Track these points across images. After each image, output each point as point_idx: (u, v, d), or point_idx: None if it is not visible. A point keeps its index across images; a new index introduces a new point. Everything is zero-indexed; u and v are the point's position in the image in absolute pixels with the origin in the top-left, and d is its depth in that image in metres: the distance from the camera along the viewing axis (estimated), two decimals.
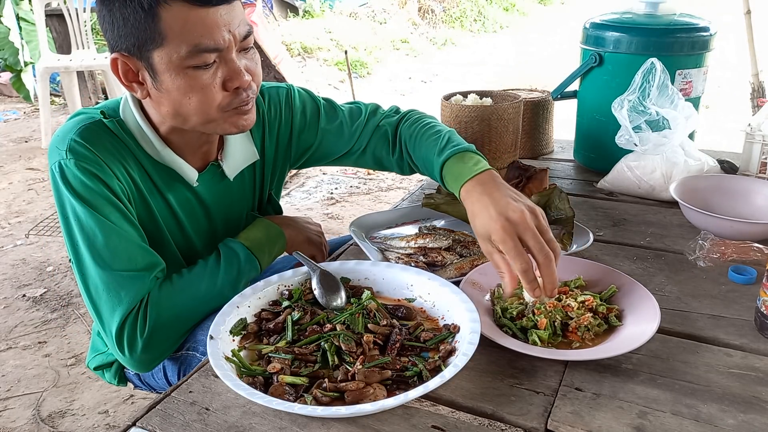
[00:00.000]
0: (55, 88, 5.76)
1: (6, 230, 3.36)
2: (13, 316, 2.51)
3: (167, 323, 1.00)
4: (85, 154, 0.97)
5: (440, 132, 1.14)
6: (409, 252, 1.17)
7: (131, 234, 0.99)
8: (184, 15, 0.88)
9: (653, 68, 1.36)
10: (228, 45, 0.93)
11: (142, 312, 0.98)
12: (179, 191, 1.10)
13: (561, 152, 1.85)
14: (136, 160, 1.04)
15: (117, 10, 0.90)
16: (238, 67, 0.95)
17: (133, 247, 0.99)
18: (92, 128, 0.99)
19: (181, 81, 0.93)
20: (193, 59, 0.91)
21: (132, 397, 2.00)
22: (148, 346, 0.98)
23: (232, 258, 1.08)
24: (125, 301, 0.97)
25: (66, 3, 4.32)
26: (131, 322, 0.97)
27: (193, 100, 0.95)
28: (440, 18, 8.92)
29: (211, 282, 1.05)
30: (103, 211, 0.97)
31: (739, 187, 1.31)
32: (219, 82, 0.95)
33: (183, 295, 1.02)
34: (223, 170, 1.13)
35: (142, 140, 1.04)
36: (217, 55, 0.93)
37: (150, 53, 0.91)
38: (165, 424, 0.77)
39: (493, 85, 6.42)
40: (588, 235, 1.20)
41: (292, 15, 7.85)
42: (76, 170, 0.96)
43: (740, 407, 0.77)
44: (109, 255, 0.96)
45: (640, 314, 0.92)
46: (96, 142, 0.98)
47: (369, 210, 3.48)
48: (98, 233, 0.96)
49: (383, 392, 0.77)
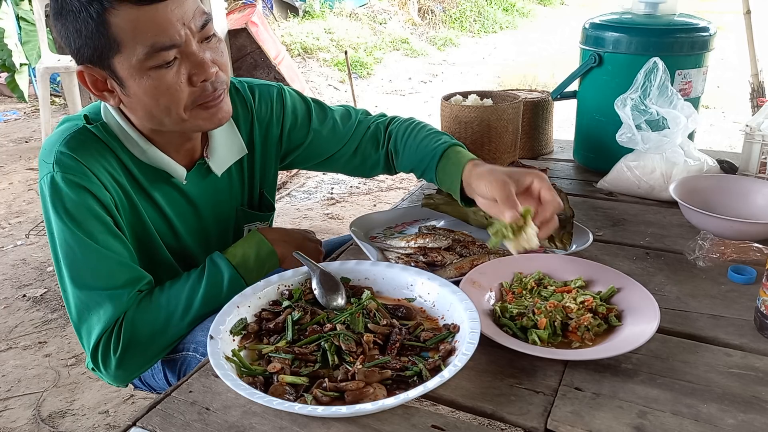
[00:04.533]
0: (56, 89, 5.76)
1: (6, 230, 3.36)
2: (14, 316, 2.51)
3: (141, 342, 0.99)
4: (72, 165, 0.96)
5: (436, 130, 1.18)
6: (409, 252, 1.17)
7: (114, 250, 0.99)
8: (133, 17, 0.87)
9: (656, 67, 1.36)
10: (185, 39, 0.91)
11: (116, 330, 0.97)
12: (167, 191, 1.09)
13: (561, 152, 1.85)
14: (123, 164, 1.03)
15: (70, 24, 0.90)
16: (202, 59, 0.93)
17: (113, 264, 0.98)
18: (77, 137, 0.99)
19: (147, 83, 0.92)
20: (152, 60, 0.90)
21: (132, 397, 2.00)
22: (122, 363, 0.98)
23: (216, 277, 1.05)
24: (103, 320, 0.97)
25: None
26: (105, 340, 0.97)
27: (162, 102, 0.94)
28: (440, 18, 8.92)
29: (190, 300, 1.03)
30: (86, 227, 0.97)
31: (739, 187, 1.31)
32: (184, 78, 0.93)
33: (159, 314, 1.01)
34: (209, 166, 1.13)
35: (126, 142, 1.03)
36: (177, 51, 0.91)
37: (110, 61, 0.91)
38: (165, 423, 0.77)
39: (493, 86, 6.43)
40: (588, 235, 1.20)
41: (292, 15, 7.85)
42: (63, 184, 0.96)
43: (740, 407, 0.77)
44: (89, 275, 0.97)
45: (639, 314, 0.92)
46: (82, 151, 0.98)
47: (369, 210, 3.48)
48: (78, 253, 0.96)
49: (383, 392, 0.77)
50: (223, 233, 1.23)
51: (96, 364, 1.00)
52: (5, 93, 6.17)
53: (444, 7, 9.12)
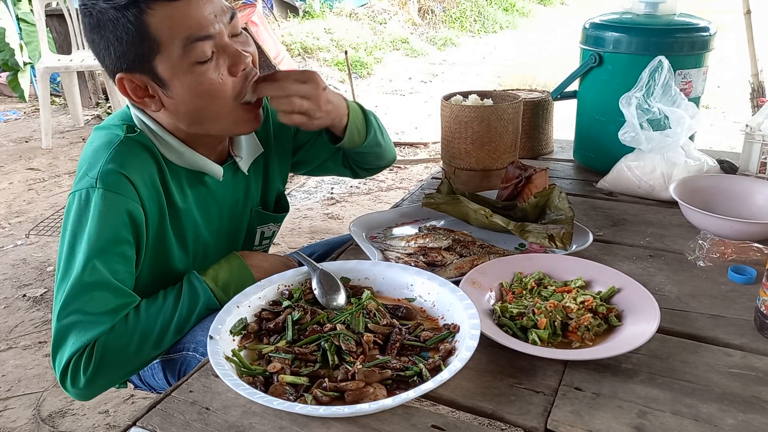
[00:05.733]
0: (56, 88, 5.76)
1: (6, 230, 3.36)
2: (14, 316, 2.51)
3: (111, 365, 0.97)
4: (116, 181, 0.97)
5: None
6: (409, 252, 1.17)
7: (116, 276, 0.97)
8: (168, 13, 0.91)
9: (660, 66, 1.35)
10: (219, 31, 0.95)
11: (88, 352, 0.96)
12: (199, 192, 1.11)
13: (561, 152, 1.85)
14: (161, 171, 1.04)
15: (110, 33, 0.92)
16: (236, 50, 0.97)
17: (109, 290, 0.96)
18: (123, 150, 1.00)
19: (190, 81, 0.95)
20: (191, 54, 0.93)
21: (132, 397, 2.00)
22: (90, 384, 0.97)
23: (192, 300, 1.04)
24: (80, 341, 0.95)
25: (66, 3, 4.32)
26: (76, 361, 0.96)
27: (208, 97, 0.96)
28: (440, 18, 8.92)
29: (165, 324, 1.01)
30: (101, 249, 0.95)
31: (739, 187, 1.31)
32: (225, 71, 0.97)
33: (133, 339, 0.98)
34: (237, 165, 1.16)
35: (162, 146, 1.04)
36: (213, 45, 0.95)
37: (152, 63, 0.94)
38: (165, 423, 0.77)
39: (493, 86, 6.43)
40: (588, 235, 1.20)
41: (292, 15, 7.85)
42: (100, 201, 0.96)
43: (740, 407, 0.77)
44: (82, 296, 0.95)
45: (639, 314, 0.92)
46: (128, 165, 0.99)
47: (369, 210, 3.48)
48: (80, 272, 0.95)
49: (383, 392, 0.77)
50: (234, 234, 1.24)
51: (63, 381, 0.98)
52: (5, 93, 6.17)
53: (444, 7, 9.12)
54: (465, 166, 1.54)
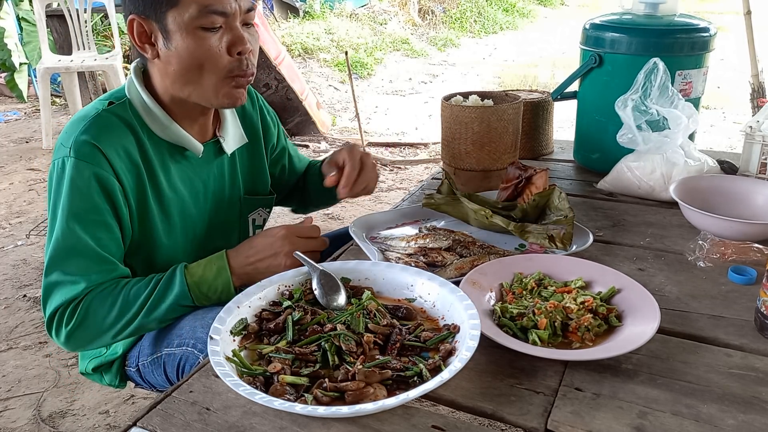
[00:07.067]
0: (56, 89, 5.76)
1: (7, 231, 3.36)
2: (14, 317, 2.51)
3: (90, 327, 1.04)
4: (88, 152, 1.02)
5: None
6: (410, 252, 1.17)
7: (99, 242, 1.04)
8: None
9: (656, 68, 1.36)
10: (234, 12, 1.02)
11: (71, 308, 1.04)
12: (182, 167, 1.15)
13: (561, 153, 1.86)
14: (141, 142, 1.09)
15: None
16: (242, 34, 1.04)
17: (92, 256, 1.03)
18: (98, 122, 1.05)
19: (191, 41, 1.01)
20: (201, 19, 1.00)
21: (132, 397, 2.00)
22: (70, 339, 1.05)
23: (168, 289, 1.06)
24: (64, 296, 1.04)
25: (67, 4, 4.32)
26: (60, 313, 1.04)
27: (200, 61, 1.03)
28: (440, 19, 8.92)
29: (141, 305, 1.05)
30: (80, 216, 1.02)
31: (739, 188, 1.31)
32: (224, 46, 1.03)
33: (113, 310, 1.04)
34: (221, 146, 1.20)
35: (147, 117, 1.10)
36: (223, 20, 1.02)
37: (164, 14, 1.00)
38: (165, 424, 0.77)
39: (493, 86, 6.43)
40: (588, 235, 1.20)
41: (292, 16, 7.85)
42: (74, 170, 1.02)
43: (740, 407, 0.77)
44: (67, 259, 1.03)
45: (640, 314, 0.92)
46: (101, 136, 1.03)
47: (369, 210, 3.48)
48: (61, 236, 1.02)
49: (383, 392, 0.77)
50: (229, 223, 1.28)
51: (49, 329, 1.07)
52: (5, 93, 6.17)
53: (444, 7, 9.12)
54: (465, 166, 1.54)
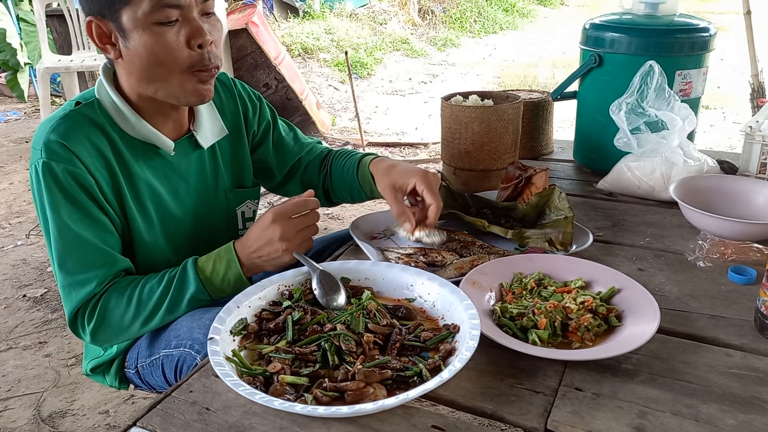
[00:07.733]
0: (56, 89, 5.76)
1: (7, 230, 3.36)
2: (14, 317, 2.51)
3: (111, 325, 1.07)
4: (58, 152, 1.02)
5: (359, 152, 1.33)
6: (409, 252, 1.17)
7: (90, 236, 1.05)
8: None
9: (651, 70, 1.36)
10: (189, 3, 1.00)
11: (91, 307, 1.06)
12: (156, 164, 1.14)
13: (561, 153, 1.86)
14: (112, 141, 1.09)
15: None
16: (200, 25, 1.02)
17: (88, 250, 1.05)
18: (66, 122, 1.05)
19: (148, 37, 0.99)
20: (156, 14, 0.98)
21: (132, 397, 2.00)
22: (95, 336, 1.08)
23: (184, 285, 1.07)
24: (78, 297, 1.06)
25: (66, 3, 4.32)
26: (81, 313, 1.07)
27: (159, 57, 1.01)
28: (440, 19, 8.92)
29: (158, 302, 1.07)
30: (65, 214, 1.03)
31: (739, 188, 1.32)
32: (183, 40, 1.01)
33: (130, 308, 1.06)
34: (197, 140, 1.19)
35: (117, 117, 1.09)
36: (180, 13, 1.00)
37: (119, 13, 0.99)
38: (165, 424, 0.77)
39: (493, 86, 6.42)
40: (588, 235, 1.20)
41: (292, 16, 7.85)
42: (48, 171, 1.03)
43: (740, 407, 0.77)
44: (67, 258, 1.05)
45: (639, 314, 0.92)
46: (70, 136, 1.04)
47: (369, 210, 3.47)
48: (58, 237, 1.04)
49: (383, 392, 0.77)
50: (215, 217, 1.27)
51: (74, 331, 1.10)
52: (5, 93, 6.17)
53: (444, 7, 9.12)
54: (465, 166, 1.54)
